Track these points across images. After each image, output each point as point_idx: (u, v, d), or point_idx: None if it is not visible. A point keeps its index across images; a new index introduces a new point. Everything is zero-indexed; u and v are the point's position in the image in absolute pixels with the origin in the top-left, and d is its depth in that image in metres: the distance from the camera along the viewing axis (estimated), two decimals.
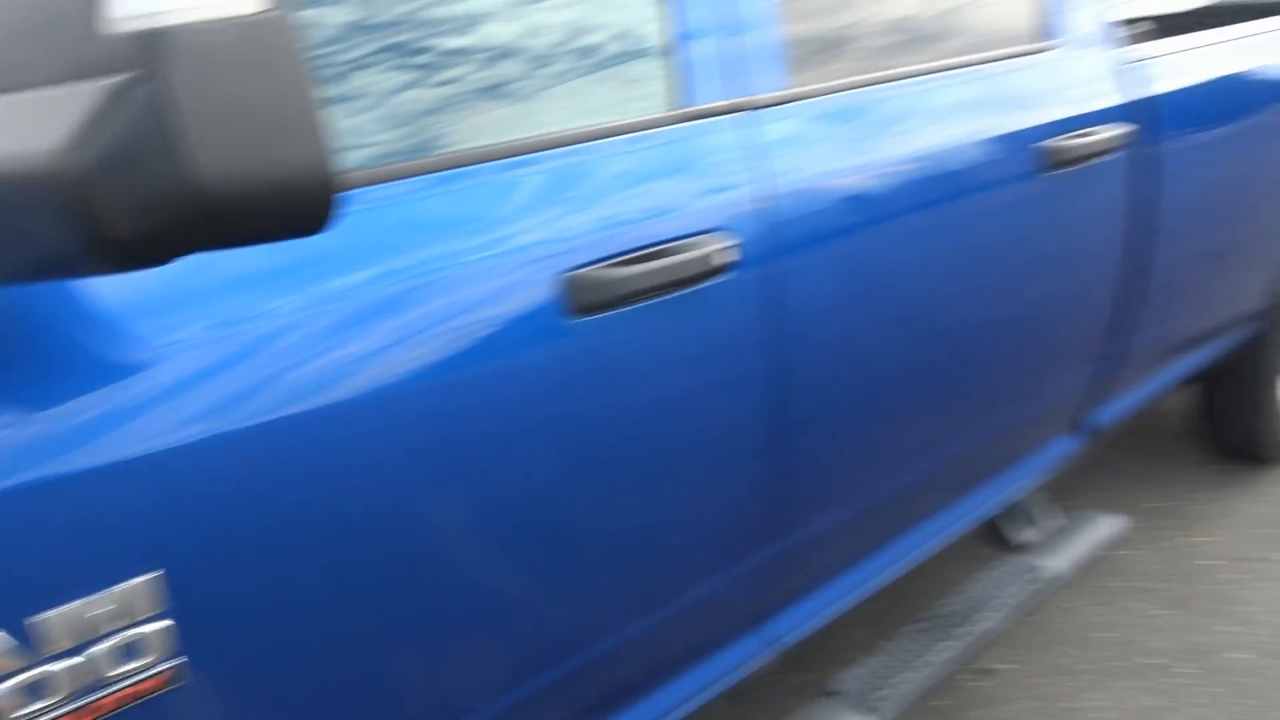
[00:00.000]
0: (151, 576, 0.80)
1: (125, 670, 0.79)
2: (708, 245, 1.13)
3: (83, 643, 0.77)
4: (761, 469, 1.32)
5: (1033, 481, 1.96)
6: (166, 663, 0.81)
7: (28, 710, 0.75)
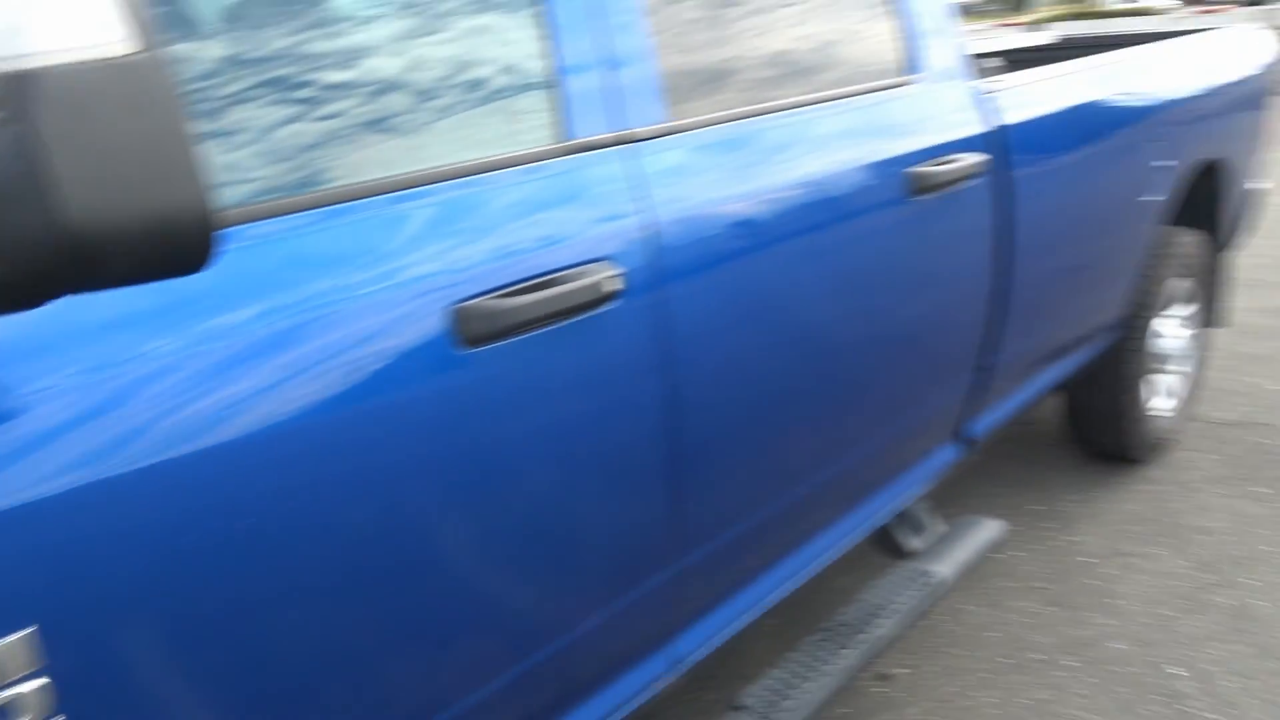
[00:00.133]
0: (25, 634, 0.77)
1: None
2: (595, 274, 1.16)
3: None
4: (658, 491, 1.35)
5: (920, 490, 2.04)
6: None
7: None
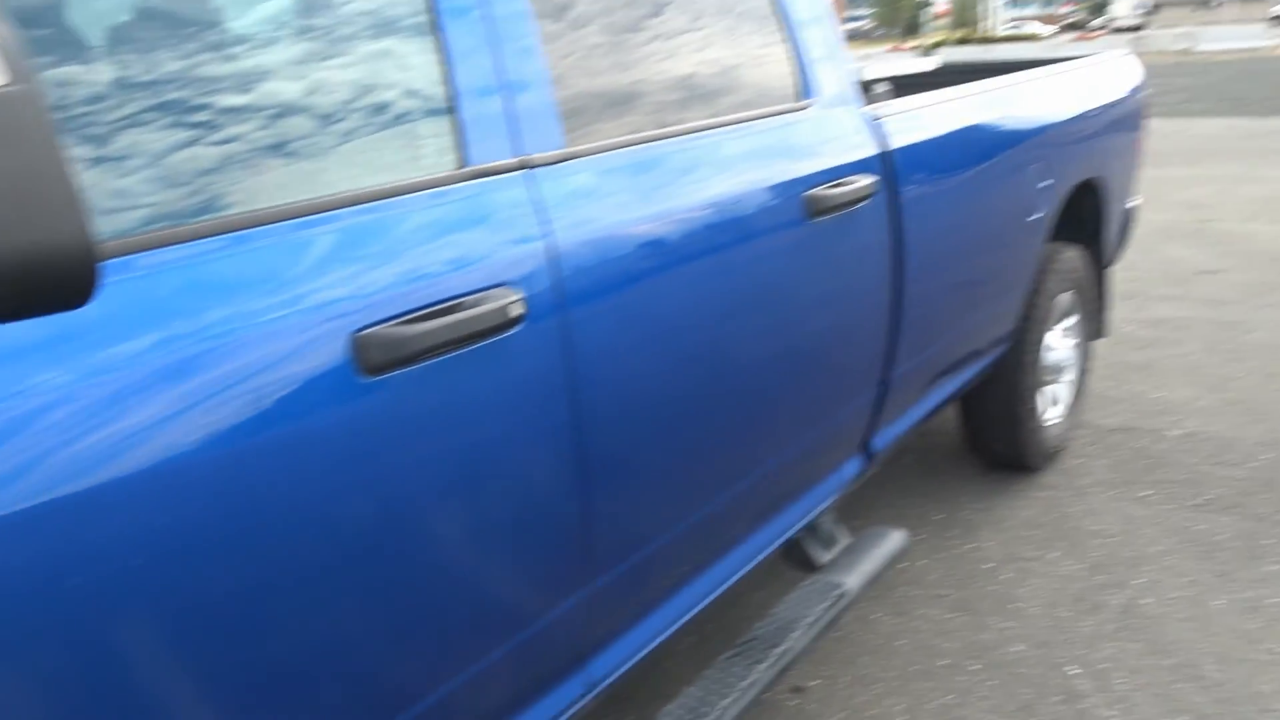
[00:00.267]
0: None
1: None
2: (497, 300, 1.17)
3: None
4: (566, 515, 1.35)
5: (828, 502, 2.10)
6: None
7: None
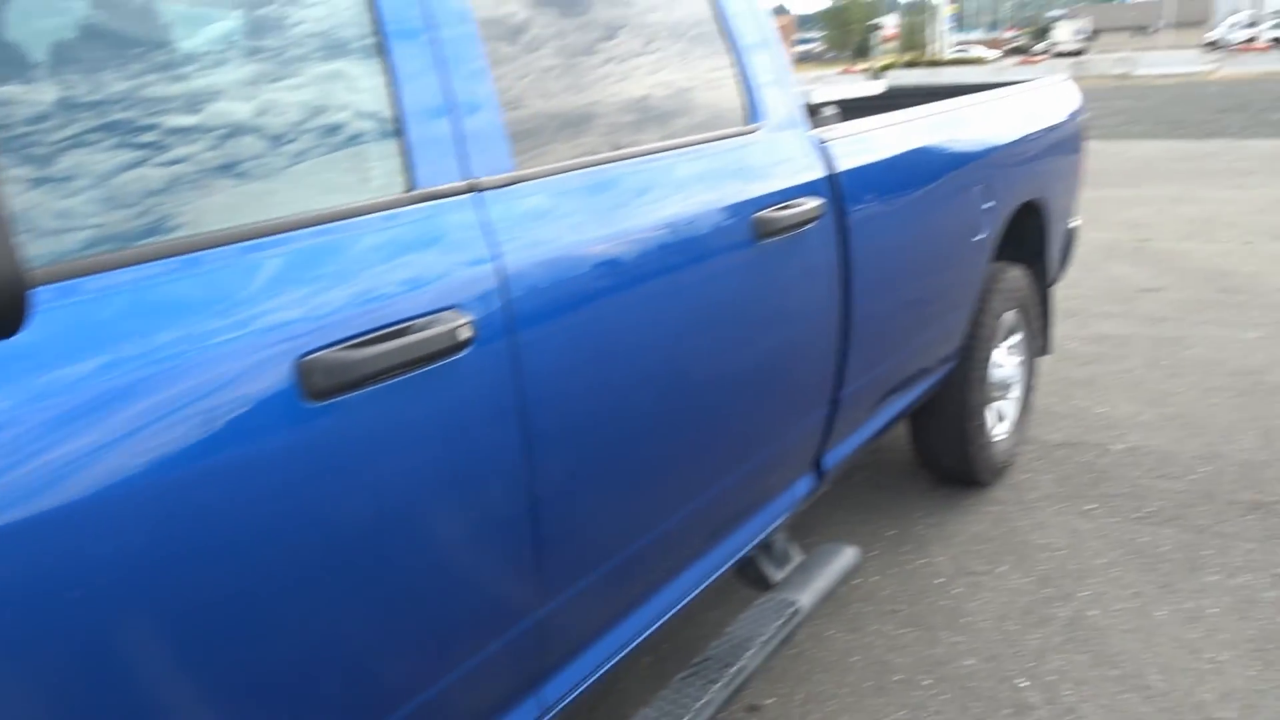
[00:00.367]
0: None
1: None
2: (444, 323, 1.17)
3: None
4: (517, 538, 1.35)
5: (782, 520, 2.11)
6: None
7: None
